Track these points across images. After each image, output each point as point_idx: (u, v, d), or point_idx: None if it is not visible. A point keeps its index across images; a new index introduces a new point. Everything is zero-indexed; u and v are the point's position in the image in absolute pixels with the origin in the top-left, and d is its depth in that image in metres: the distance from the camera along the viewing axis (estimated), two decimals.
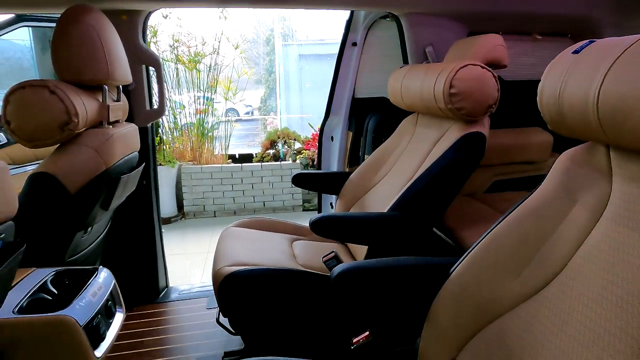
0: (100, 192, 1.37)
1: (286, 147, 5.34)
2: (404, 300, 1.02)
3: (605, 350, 0.66)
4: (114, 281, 1.19)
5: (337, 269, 0.98)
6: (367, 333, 0.97)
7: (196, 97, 5.03)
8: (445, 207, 1.38)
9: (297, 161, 4.95)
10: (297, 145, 5.36)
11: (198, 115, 5.00)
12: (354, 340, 0.97)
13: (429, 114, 1.64)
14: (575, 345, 0.71)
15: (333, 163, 2.33)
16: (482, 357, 0.85)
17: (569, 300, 0.76)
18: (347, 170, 2.31)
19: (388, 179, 1.73)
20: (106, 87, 1.44)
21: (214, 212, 4.80)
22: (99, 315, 1.04)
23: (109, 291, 1.14)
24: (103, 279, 1.15)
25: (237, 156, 5.40)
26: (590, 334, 0.69)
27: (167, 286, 2.15)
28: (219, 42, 5.03)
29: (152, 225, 2.00)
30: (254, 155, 5.38)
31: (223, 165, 4.89)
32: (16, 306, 0.96)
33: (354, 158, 2.24)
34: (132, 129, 1.57)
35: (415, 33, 1.91)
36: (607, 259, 0.74)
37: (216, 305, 1.43)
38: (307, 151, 5.11)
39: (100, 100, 1.42)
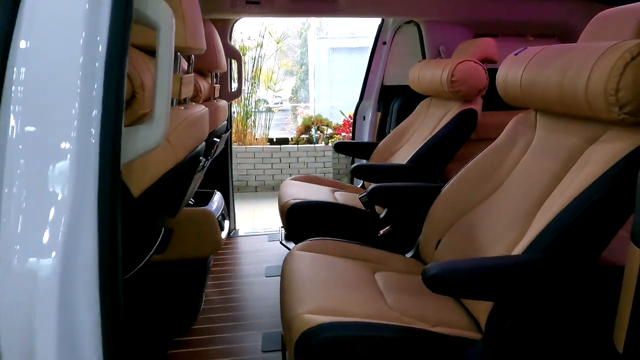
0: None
1: (319, 132, 5.95)
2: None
3: (514, 214, 1.25)
4: (223, 200, 1.83)
5: (432, 269, 0.94)
6: (389, 227, 1.58)
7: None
8: (446, 162, 1.97)
9: (329, 144, 5.55)
10: (329, 131, 5.96)
11: (242, 102, 5.66)
12: (381, 232, 1.58)
13: (438, 97, 2.22)
14: (498, 219, 1.30)
15: (364, 137, 2.96)
16: (456, 235, 1.44)
17: (503, 197, 1.35)
18: (375, 141, 2.92)
19: (407, 146, 2.32)
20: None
21: (255, 187, 5.46)
22: (220, 215, 1.69)
23: (222, 205, 1.78)
24: (218, 197, 1.79)
25: (274, 140, 6.05)
26: (509, 211, 1.28)
27: (235, 228, 2.81)
28: (263, 37, 5.67)
29: (227, 182, 2.65)
30: (290, 139, 6.01)
31: (264, 146, 5.55)
32: None
33: (381, 133, 2.84)
34: (222, 105, 2.17)
35: (432, 36, 2.49)
36: (527, 171, 1.32)
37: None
38: (338, 136, 5.71)
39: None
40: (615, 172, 0.98)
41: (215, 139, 1.70)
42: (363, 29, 7.69)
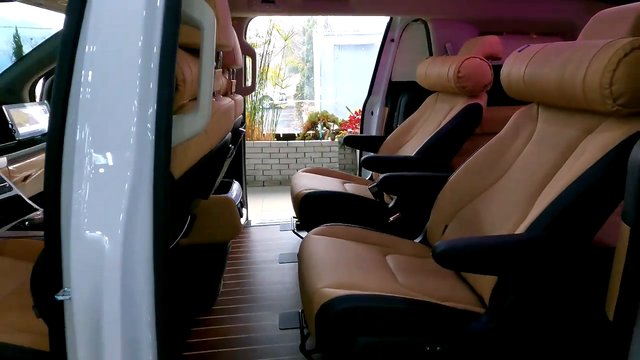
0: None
1: (325, 128, 6.05)
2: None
3: (516, 200, 1.35)
4: (241, 189, 1.93)
5: (441, 245, 1.03)
6: (398, 214, 1.67)
7: None
8: (453, 154, 2.06)
9: (335, 140, 5.64)
10: (335, 127, 6.05)
11: (251, 99, 5.75)
12: (390, 218, 1.68)
13: (445, 92, 2.31)
14: (502, 203, 1.39)
15: (372, 132, 3.05)
16: (462, 221, 1.54)
17: (506, 185, 1.44)
18: (382, 134, 3.01)
19: (414, 139, 2.42)
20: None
21: (263, 182, 5.57)
22: (239, 203, 1.79)
23: (241, 193, 1.88)
24: (237, 186, 1.90)
25: (281, 135, 6.15)
26: (512, 197, 1.37)
27: (247, 219, 2.91)
28: (270, 34, 5.76)
29: (240, 174, 2.75)
30: (296, 135, 6.11)
31: (271, 141, 5.66)
32: None
33: (388, 128, 2.93)
34: (239, 100, 2.28)
35: (438, 33, 2.58)
36: (529, 161, 1.41)
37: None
38: (344, 131, 5.80)
39: None
40: (609, 159, 1.07)
41: (240, 129, 1.82)
42: (368, 27, 7.76)
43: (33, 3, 1.76)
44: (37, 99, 2.46)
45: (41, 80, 2.47)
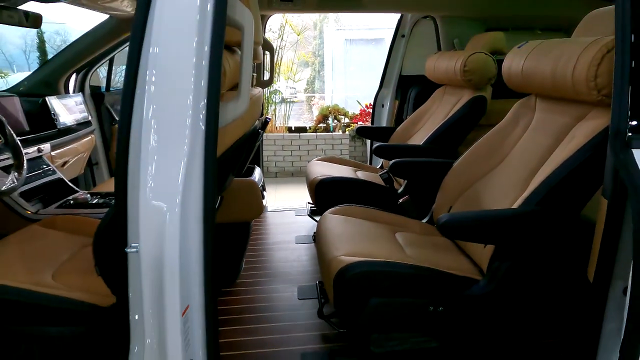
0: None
1: (336, 121, 6.20)
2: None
3: (514, 181, 1.50)
4: (262, 174, 2.10)
5: (444, 217, 1.19)
6: (407, 196, 1.83)
7: None
8: (459, 143, 2.21)
9: (346, 133, 5.79)
10: (346, 120, 6.20)
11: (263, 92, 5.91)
12: (400, 201, 1.84)
13: (452, 85, 2.45)
14: (502, 185, 1.54)
15: (382, 123, 3.20)
16: (465, 201, 1.69)
17: (505, 168, 1.59)
18: (392, 126, 3.17)
19: (423, 130, 2.56)
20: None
21: (276, 173, 5.74)
22: (261, 186, 1.95)
23: (262, 178, 2.05)
24: (258, 171, 2.06)
25: (293, 128, 6.31)
26: (510, 179, 1.52)
27: (265, 204, 3.10)
28: (283, 29, 5.91)
29: (258, 162, 2.92)
30: (308, 128, 6.26)
31: (284, 134, 5.82)
32: None
33: (398, 119, 3.08)
34: (259, 91, 2.44)
35: (447, 30, 2.72)
36: (526, 147, 1.56)
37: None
38: (355, 124, 5.95)
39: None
40: (593, 143, 1.21)
41: (267, 117, 1.99)
42: (379, 21, 7.86)
43: (77, 3, 1.94)
44: (70, 92, 2.64)
45: (74, 75, 2.66)
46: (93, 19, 2.47)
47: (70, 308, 1.23)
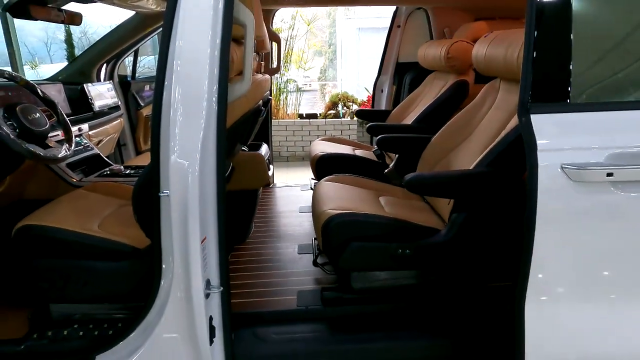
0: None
1: (345, 108, 6.47)
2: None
3: (475, 150, 1.78)
4: (268, 150, 2.41)
5: (410, 175, 1.52)
6: (392, 167, 2.13)
7: None
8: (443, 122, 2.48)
9: (354, 119, 6.05)
10: (354, 107, 6.46)
11: (276, 81, 6.21)
12: (385, 171, 2.14)
13: (440, 71, 2.72)
14: (467, 155, 1.83)
15: (382, 106, 3.49)
16: (440, 169, 1.97)
17: (472, 141, 1.87)
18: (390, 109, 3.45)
19: (415, 111, 2.84)
20: None
21: (287, 157, 6.06)
22: (267, 160, 2.27)
23: (268, 152, 2.36)
24: (265, 147, 2.38)
25: (304, 115, 6.60)
26: (473, 149, 1.80)
27: (273, 181, 3.42)
28: (294, 19, 6.18)
29: (268, 142, 3.24)
30: (318, 114, 6.55)
31: (295, 120, 6.12)
32: None
33: (396, 102, 3.35)
34: (267, 78, 2.74)
35: (438, 20, 2.98)
36: (488, 122, 1.84)
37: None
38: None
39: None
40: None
41: (269, 96, 2.30)
42: (389, 10, 8.05)
43: (109, 2, 2.26)
44: (102, 80, 2.99)
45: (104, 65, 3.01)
46: (110, 13, 2.77)
47: (115, 248, 1.57)
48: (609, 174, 1.04)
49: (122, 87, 3.15)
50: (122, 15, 2.78)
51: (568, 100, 1.11)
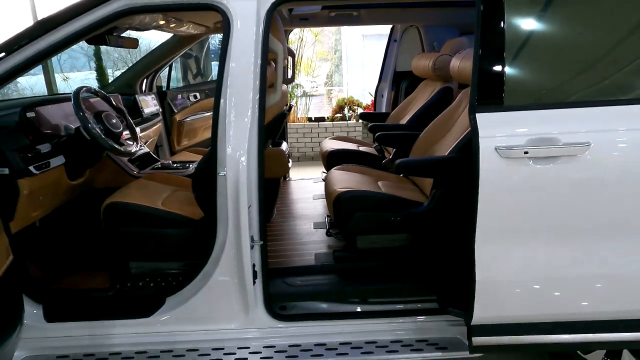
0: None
1: (351, 111, 6.98)
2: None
3: (451, 142, 2.29)
4: (288, 147, 2.93)
5: (398, 161, 2.04)
6: (388, 158, 2.65)
7: None
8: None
9: (360, 121, 6.56)
10: (360, 110, 6.97)
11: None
12: (383, 161, 2.66)
13: (430, 79, 3.24)
14: (445, 147, 2.34)
15: (382, 109, 4.02)
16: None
17: (450, 135, 2.38)
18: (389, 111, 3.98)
19: (409, 114, 3.35)
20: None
21: (298, 157, 6.58)
22: (288, 154, 2.79)
23: (288, 149, 2.88)
24: (285, 145, 2.90)
25: (312, 118, 7.12)
26: (450, 142, 2.31)
27: (289, 176, 3.94)
28: (303, 31, 6.71)
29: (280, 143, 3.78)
30: (326, 118, 7.07)
31: (305, 123, 6.65)
32: None
33: (394, 107, 3.87)
34: (285, 88, 3.26)
35: (428, 36, 3.51)
36: (462, 119, 2.34)
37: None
38: None
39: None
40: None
41: (291, 104, 2.84)
42: None
43: (158, 29, 2.80)
44: (144, 90, 3.54)
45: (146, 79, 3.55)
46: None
47: (177, 219, 2.10)
48: (526, 152, 1.53)
49: (159, 96, 3.69)
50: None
51: (502, 103, 1.60)
